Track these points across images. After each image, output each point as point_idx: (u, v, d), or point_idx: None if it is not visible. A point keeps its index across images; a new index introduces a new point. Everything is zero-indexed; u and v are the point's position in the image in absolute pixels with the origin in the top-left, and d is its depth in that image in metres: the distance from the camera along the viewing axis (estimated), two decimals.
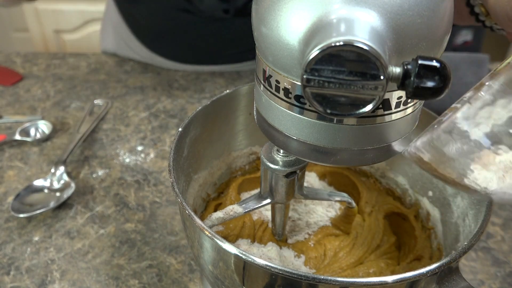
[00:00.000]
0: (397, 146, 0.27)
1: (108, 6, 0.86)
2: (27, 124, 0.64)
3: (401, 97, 0.24)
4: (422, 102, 0.27)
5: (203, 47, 0.80)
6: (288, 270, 0.26)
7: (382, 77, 0.21)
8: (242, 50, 0.80)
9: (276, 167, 0.33)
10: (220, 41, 0.78)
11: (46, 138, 0.63)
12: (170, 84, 0.78)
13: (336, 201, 0.43)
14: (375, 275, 0.37)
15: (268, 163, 0.34)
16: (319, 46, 0.20)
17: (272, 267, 0.26)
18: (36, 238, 0.48)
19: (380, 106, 0.24)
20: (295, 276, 0.25)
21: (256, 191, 0.44)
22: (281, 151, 0.34)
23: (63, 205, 0.52)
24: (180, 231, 0.49)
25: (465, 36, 1.26)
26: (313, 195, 0.39)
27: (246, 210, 0.36)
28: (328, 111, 0.22)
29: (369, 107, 0.22)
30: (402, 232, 0.43)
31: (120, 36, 0.84)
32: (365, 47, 0.20)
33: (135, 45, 0.83)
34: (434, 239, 0.41)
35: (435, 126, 0.23)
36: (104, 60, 0.85)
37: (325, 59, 0.20)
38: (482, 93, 0.21)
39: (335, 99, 0.22)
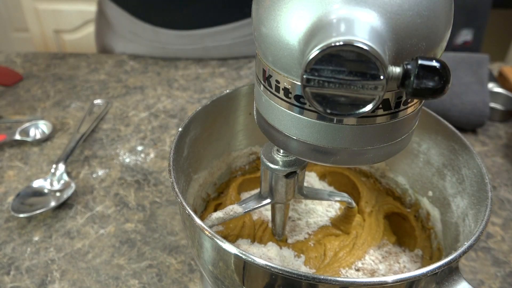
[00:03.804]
0: (397, 146, 0.27)
1: (106, 9, 0.87)
2: (27, 124, 0.64)
3: (401, 97, 0.24)
4: (422, 102, 0.27)
5: (203, 6, 0.80)
6: (288, 270, 0.26)
7: (382, 77, 0.21)
8: (240, 5, 0.80)
9: (276, 167, 0.33)
10: None
11: (46, 138, 0.63)
12: (170, 84, 0.78)
13: (336, 201, 0.43)
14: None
15: (268, 163, 0.34)
16: (319, 46, 0.20)
17: (272, 267, 0.26)
18: (36, 238, 0.48)
19: (380, 106, 0.24)
20: (295, 276, 0.25)
21: (256, 191, 0.44)
22: (281, 151, 0.34)
23: (63, 205, 0.52)
24: (180, 231, 0.49)
25: (465, 36, 1.26)
26: (313, 195, 0.39)
27: (246, 210, 0.36)
28: (328, 111, 0.22)
29: (369, 107, 0.22)
30: (402, 232, 0.43)
31: (125, 29, 0.85)
32: (365, 47, 0.20)
33: (140, 27, 0.83)
34: (434, 239, 0.41)
35: None
36: (104, 60, 0.85)
37: (325, 59, 0.21)
38: None
39: (335, 99, 0.22)
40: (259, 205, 0.36)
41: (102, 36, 0.92)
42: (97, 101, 0.72)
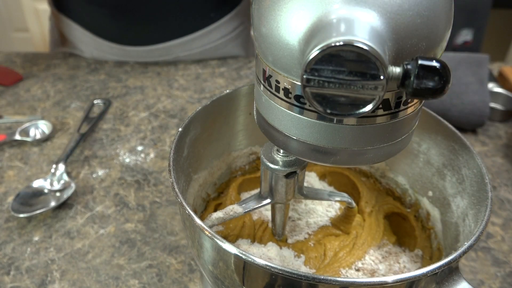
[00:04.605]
0: (397, 146, 0.27)
1: (66, 29, 0.86)
2: (27, 124, 0.64)
3: (401, 97, 0.24)
4: (422, 102, 0.27)
5: (167, 20, 0.79)
6: (288, 270, 0.26)
7: (382, 77, 0.21)
8: (204, 11, 0.80)
9: (276, 167, 0.33)
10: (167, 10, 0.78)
11: (46, 138, 0.63)
12: (170, 84, 0.78)
13: (336, 201, 0.43)
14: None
15: (268, 163, 0.34)
16: (319, 46, 0.20)
17: (272, 267, 0.26)
18: (36, 238, 0.48)
19: (380, 106, 0.24)
20: (295, 276, 0.25)
21: (256, 191, 0.44)
22: (281, 151, 0.34)
23: (63, 205, 0.52)
24: (180, 231, 0.49)
25: (465, 36, 1.26)
26: (313, 195, 0.39)
27: (246, 210, 0.36)
28: (328, 111, 0.22)
29: (369, 107, 0.22)
30: (402, 232, 0.43)
31: (91, 47, 0.84)
32: (365, 47, 0.20)
33: (107, 47, 0.82)
34: (434, 239, 0.41)
35: None
36: (104, 60, 0.85)
37: (325, 59, 0.21)
38: None
39: (335, 99, 0.22)
40: (259, 205, 0.36)
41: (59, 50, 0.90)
42: (97, 101, 0.72)
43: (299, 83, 0.24)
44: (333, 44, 0.20)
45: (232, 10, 0.83)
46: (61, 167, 0.56)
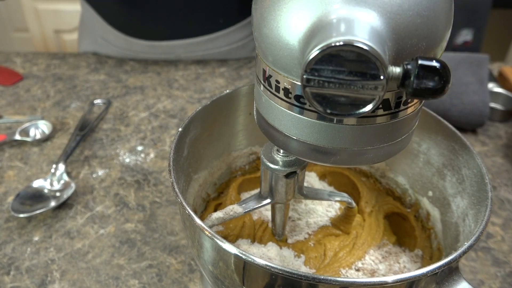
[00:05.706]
0: (397, 146, 0.27)
1: (82, 8, 0.87)
2: (27, 124, 0.64)
3: (401, 97, 0.24)
4: (422, 102, 0.27)
5: (175, 19, 0.80)
6: (288, 270, 0.26)
7: (382, 77, 0.21)
8: (213, 17, 0.80)
9: (276, 167, 0.33)
10: (191, 9, 0.78)
11: (46, 138, 0.63)
12: (170, 84, 0.78)
13: (336, 201, 0.43)
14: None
15: (268, 163, 0.34)
16: (319, 46, 0.20)
17: (272, 267, 0.26)
18: (36, 238, 0.48)
19: (380, 106, 0.24)
20: (295, 276, 0.25)
21: (256, 191, 0.44)
22: (281, 151, 0.34)
23: (63, 205, 0.52)
24: (180, 231, 0.49)
25: (465, 36, 1.26)
26: (313, 195, 0.39)
27: (246, 210, 0.36)
28: (328, 111, 0.22)
29: (369, 107, 0.22)
30: (402, 232, 0.43)
31: (97, 33, 0.85)
32: (365, 47, 0.20)
33: (112, 35, 0.83)
34: (434, 239, 0.41)
35: None
36: (104, 60, 0.85)
37: (325, 59, 0.21)
38: None
39: (335, 99, 0.22)
40: (259, 205, 0.36)
41: (79, 37, 0.92)
42: (97, 101, 0.72)
43: (299, 83, 0.24)
44: (333, 44, 0.20)
45: (243, 20, 0.83)
46: (61, 167, 0.56)
